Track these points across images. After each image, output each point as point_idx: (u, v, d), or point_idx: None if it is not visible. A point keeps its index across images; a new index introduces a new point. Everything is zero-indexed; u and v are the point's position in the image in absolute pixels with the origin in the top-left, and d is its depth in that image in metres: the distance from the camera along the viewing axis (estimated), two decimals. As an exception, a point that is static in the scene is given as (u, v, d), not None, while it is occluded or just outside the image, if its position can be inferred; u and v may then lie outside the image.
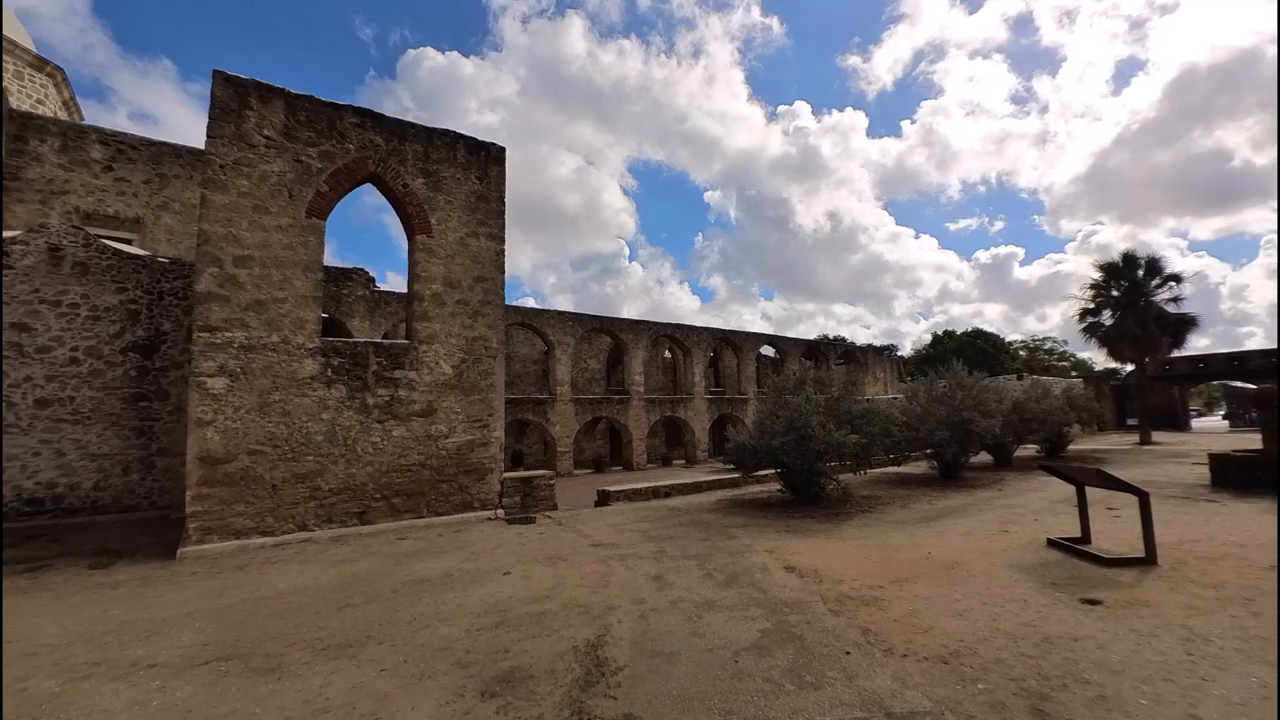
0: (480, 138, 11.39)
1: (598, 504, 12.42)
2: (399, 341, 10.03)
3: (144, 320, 11.58)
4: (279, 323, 8.70)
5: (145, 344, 11.56)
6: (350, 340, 9.63)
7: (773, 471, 12.40)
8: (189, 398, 8.33)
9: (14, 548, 8.52)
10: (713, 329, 30.54)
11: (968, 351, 43.62)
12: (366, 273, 20.28)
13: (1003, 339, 56.88)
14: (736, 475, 13.98)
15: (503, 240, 11.13)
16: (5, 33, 18.48)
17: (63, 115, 19.72)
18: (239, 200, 8.64)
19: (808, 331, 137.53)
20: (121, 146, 16.89)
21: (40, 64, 19.35)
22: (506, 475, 10.95)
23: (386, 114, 10.36)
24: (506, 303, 12.55)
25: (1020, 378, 29.96)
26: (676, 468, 25.90)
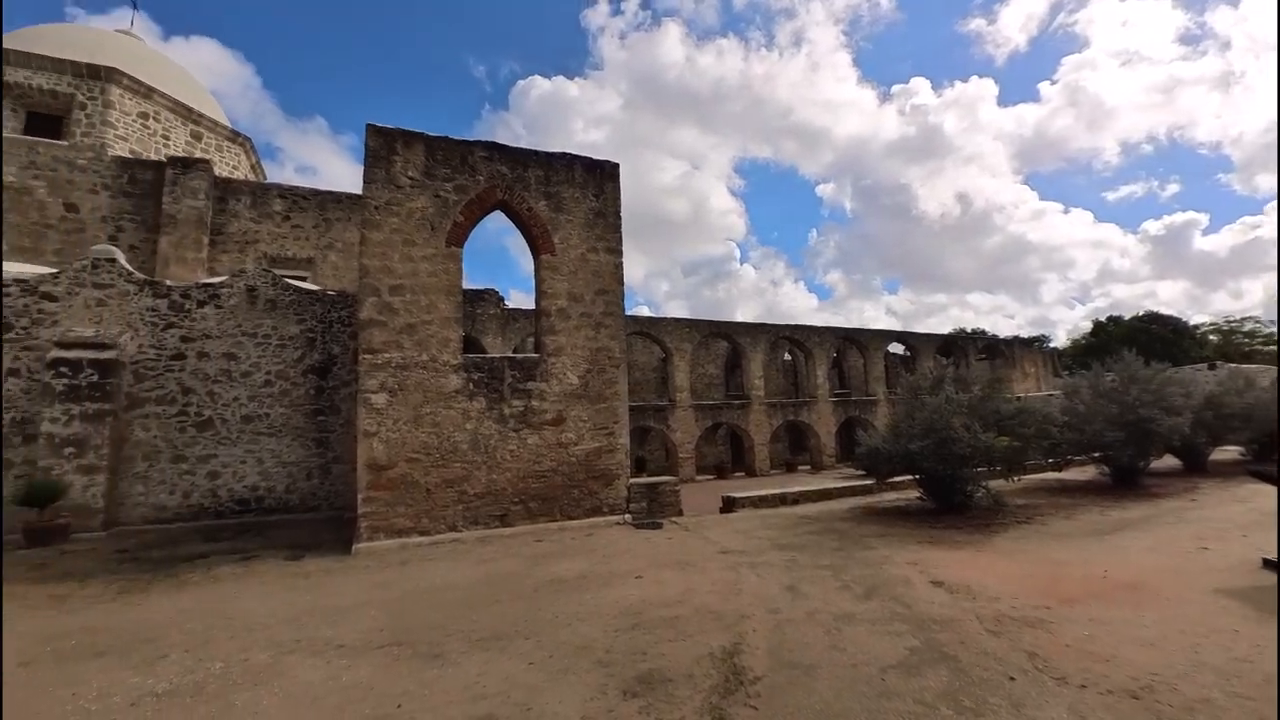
0: (590, 156, 11.88)
1: (723, 510, 12.35)
2: (529, 355, 10.71)
3: (319, 346, 13.37)
4: (428, 343, 9.66)
5: (321, 366, 13.33)
6: (487, 356, 10.45)
7: (910, 478, 11.60)
8: (357, 412, 9.49)
9: (229, 540, 10.15)
10: (834, 328, 29.27)
11: (1139, 339, 37.80)
12: (496, 293, 21.83)
13: (1185, 322, 48.50)
14: (869, 482, 13.25)
15: (620, 253, 11.49)
16: (205, 112, 22.29)
17: (251, 177, 23.32)
18: (391, 236, 9.73)
19: (940, 325, 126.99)
20: (295, 199, 19.66)
21: (234, 137, 23.05)
22: (633, 481, 11.23)
23: (509, 145, 11.14)
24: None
25: (1212, 367, 25.53)
26: (802, 474, 25.06)
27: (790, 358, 34.24)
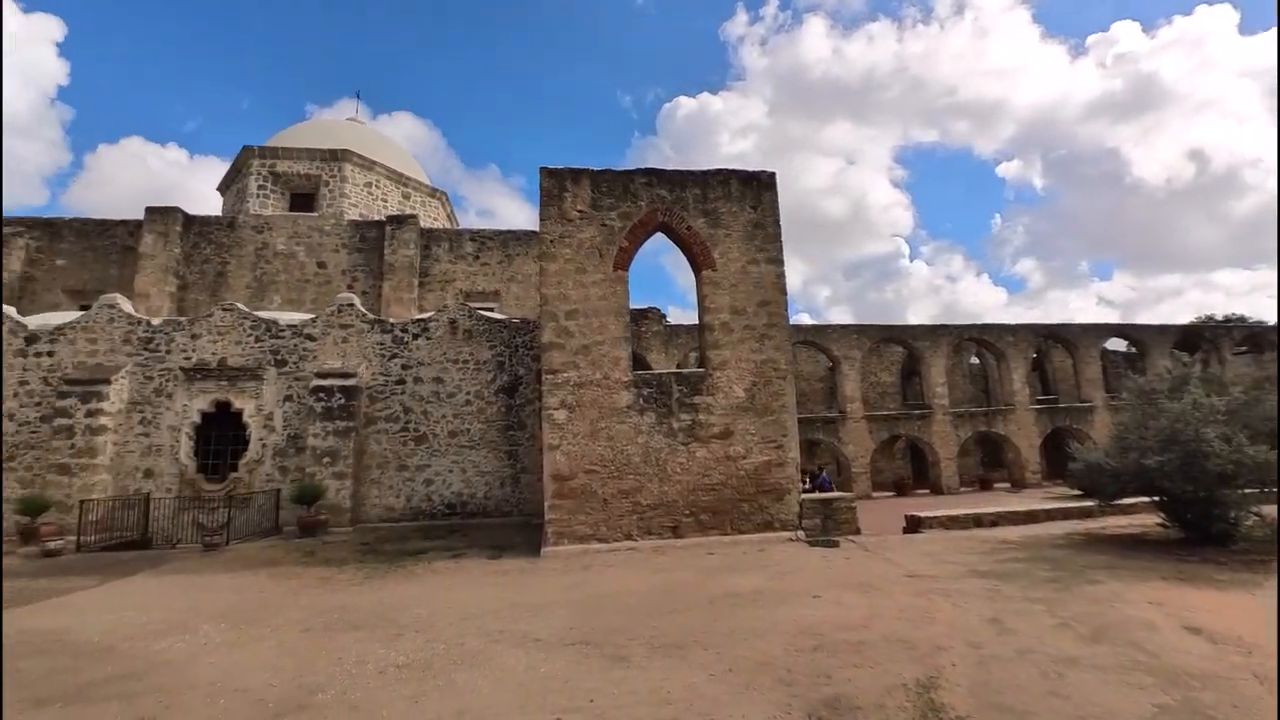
0: (741, 168, 11.87)
1: (906, 530, 11.41)
2: (695, 370, 10.95)
3: (507, 368, 14.97)
4: (600, 362, 10.36)
5: (509, 386, 14.90)
6: (655, 372, 10.91)
7: (1145, 500, 9.75)
8: (542, 427, 10.44)
9: (442, 538, 11.68)
10: (1031, 325, 25.65)
11: None
12: (658, 310, 22.64)
13: None
14: (1088, 504, 11.37)
15: (782, 263, 11.31)
16: (411, 175, 26.24)
17: (447, 226, 26.87)
18: (564, 266, 10.64)
19: (1175, 313, 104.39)
20: (482, 240, 22.29)
21: (433, 193, 26.83)
22: (805, 496, 10.87)
23: (666, 169, 11.59)
24: (788, 323, 12.72)
25: None
26: (999, 492, 22.20)
27: (978, 361, 30.65)
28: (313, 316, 15.26)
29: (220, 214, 23.39)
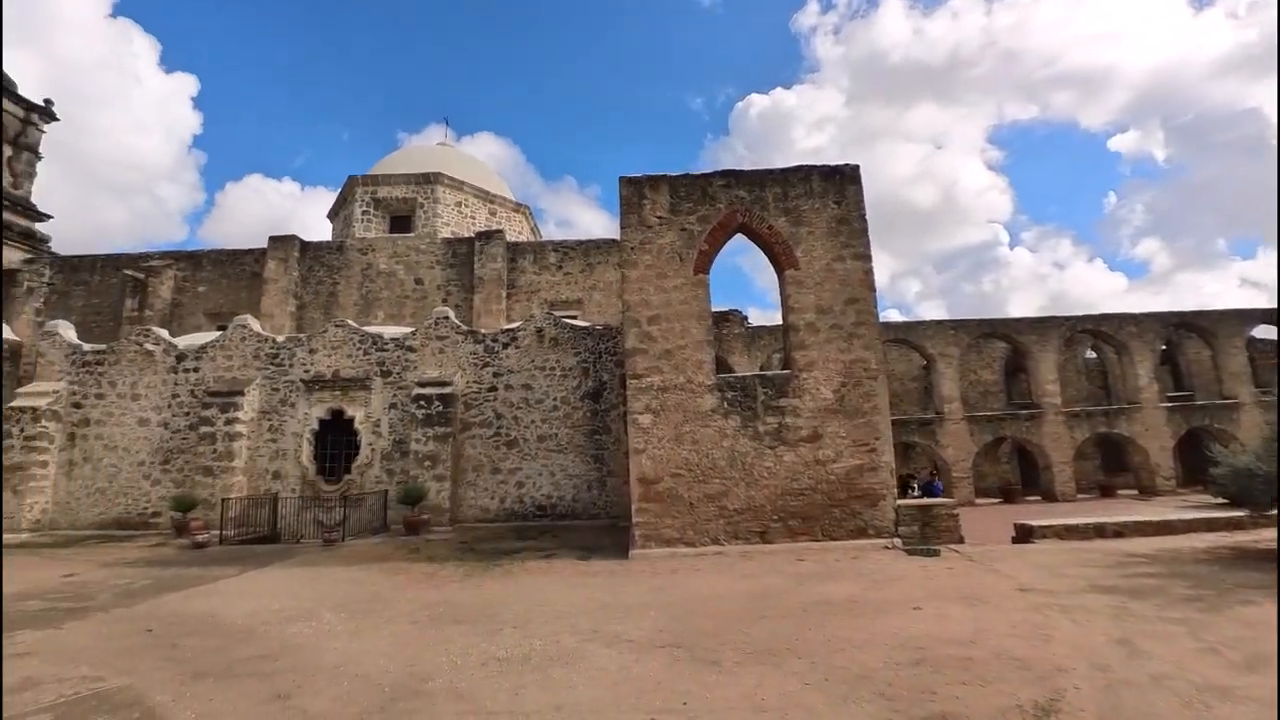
0: (819, 163, 11.53)
1: (1016, 540, 10.59)
2: (780, 372, 10.74)
3: (591, 374, 15.33)
4: (683, 366, 10.39)
5: (594, 392, 15.25)
6: (739, 375, 10.79)
7: (1312, 510, 8.53)
8: (627, 431, 10.61)
9: (533, 539, 12.11)
10: (1158, 313, 23.10)
11: None
12: (739, 312, 22.36)
13: None
14: (1237, 514, 10.08)
15: (869, 258, 10.88)
16: (496, 192, 27.48)
17: (531, 238, 27.89)
18: (645, 272, 10.77)
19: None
20: (565, 250, 22.96)
21: (517, 207, 27.97)
22: (901, 502, 10.36)
23: (745, 169, 11.48)
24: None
25: None
26: (1125, 499, 20.13)
27: (1095, 355, 27.93)
28: (412, 330, 16.33)
29: (330, 239, 25.56)
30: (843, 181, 11.28)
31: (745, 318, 22.76)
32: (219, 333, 16.95)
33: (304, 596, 8.01)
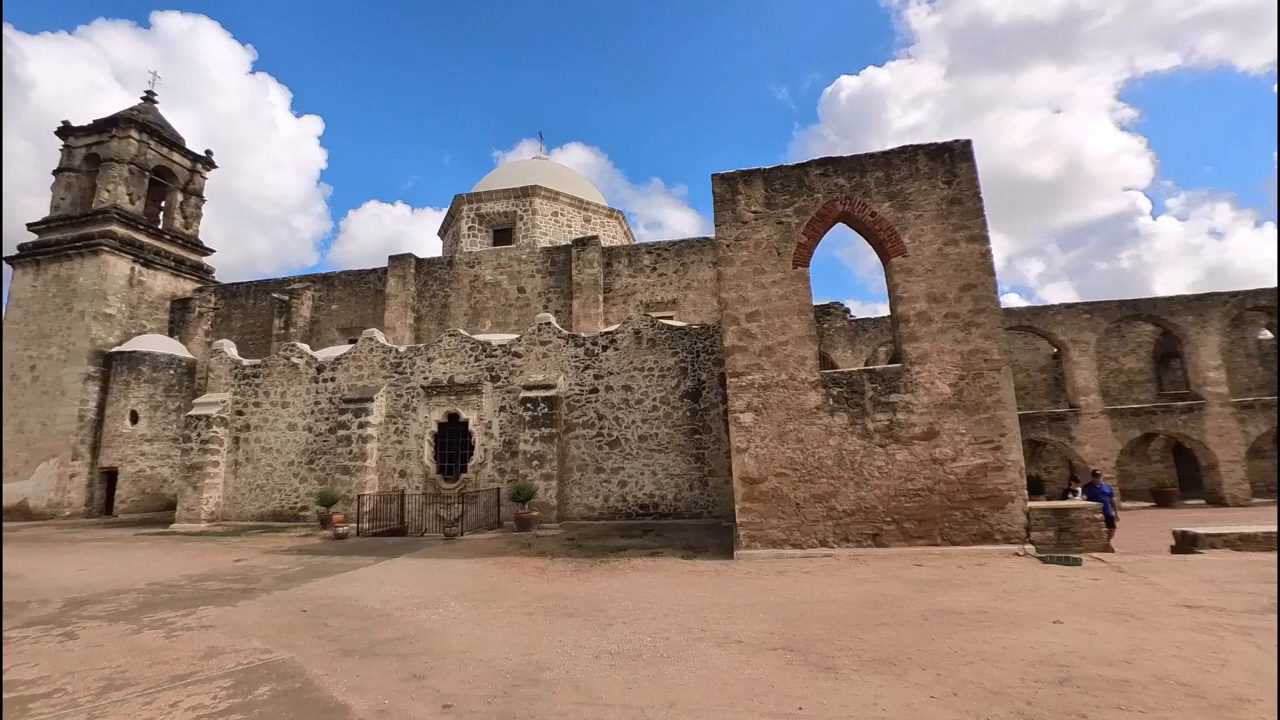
0: (924, 142, 10.75)
1: (1175, 549, 9.33)
2: (890, 366, 10.17)
3: (690, 374, 15.34)
4: (785, 362, 10.12)
5: (693, 391, 15.25)
6: (845, 370, 10.35)
7: None
8: (729, 430, 10.50)
9: (637, 537, 12.29)
10: (1363, 287, 19.45)
11: None
12: (841, 305, 21.49)
13: None
14: None
15: (986, 240, 10.05)
16: (589, 199, 28.20)
17: (625, 242, 28.39)
18: (742, 269, 10.61)
19: None
20: (659, 252, 23.14)
21: (610, 213, 28.56)
22: (1033, 505, 9.47)
23: (843, 155, 10.97)
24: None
25: None
26: (1321, 506, 17.08)
27: (1270, 335, 23.98)
28: (517, 336, 17.16)
29: (441, 254, 27.44)
30: (953, 159, 10.49)
31: (847, 310, 21.83)
32: (350, 345, 18.74)
33: (430, 585, 8.64)
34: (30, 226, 26.09)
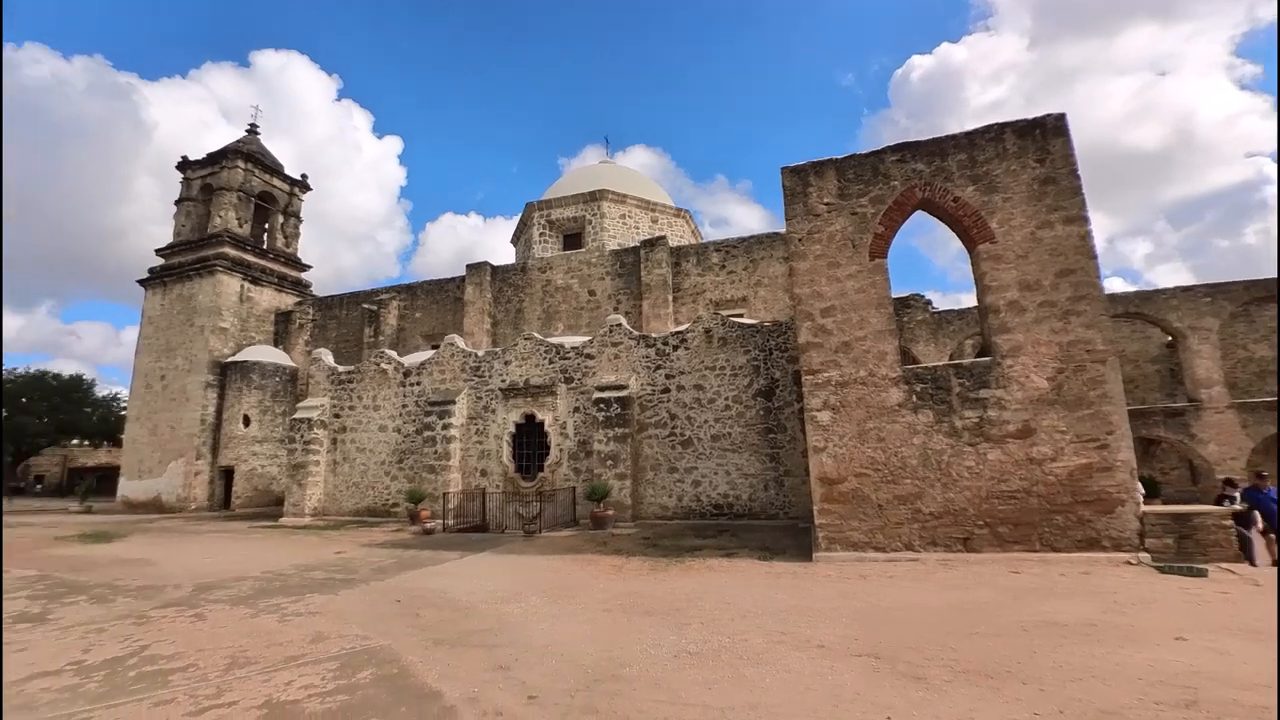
0: (1011, 119, 10.03)
1: (1328, 561, 8.25)
2: (979, 360, 9.59)
3: (763, 372, 15.08)
4: (863, 359, 9.75)
5: (766, 390, 14.98)
6: (929, 365, 9.85)
7: None
8: (805, 429, 10.24)
9: (712, 538, 12.19)
10: None
11: None
12: (922, 297, 20.45)
13: None
14: None
15: (1085, 221, 9.27)
16: (655, 200, 28.26)
17: (692, 241, 28.28)
18: (815, 263, 10.32)
19: None
20: (728, 249, 22.89)
21: (677, 213, 28.53)
22: (1148, 510, 8.65)
23: (920, 140, 10.44)
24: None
25: None
26: None
27: None
28: (589, 338, 17.47)
29: (514, 261, 28.35)
30: (1044, 136, 9.75)
31: (929, 302, 20.75)
32: (433, 351, 19.71)
33: (512, 580, 8.95)
34: (158, 252, 29.18)
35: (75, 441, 49.08)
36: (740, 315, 20.31)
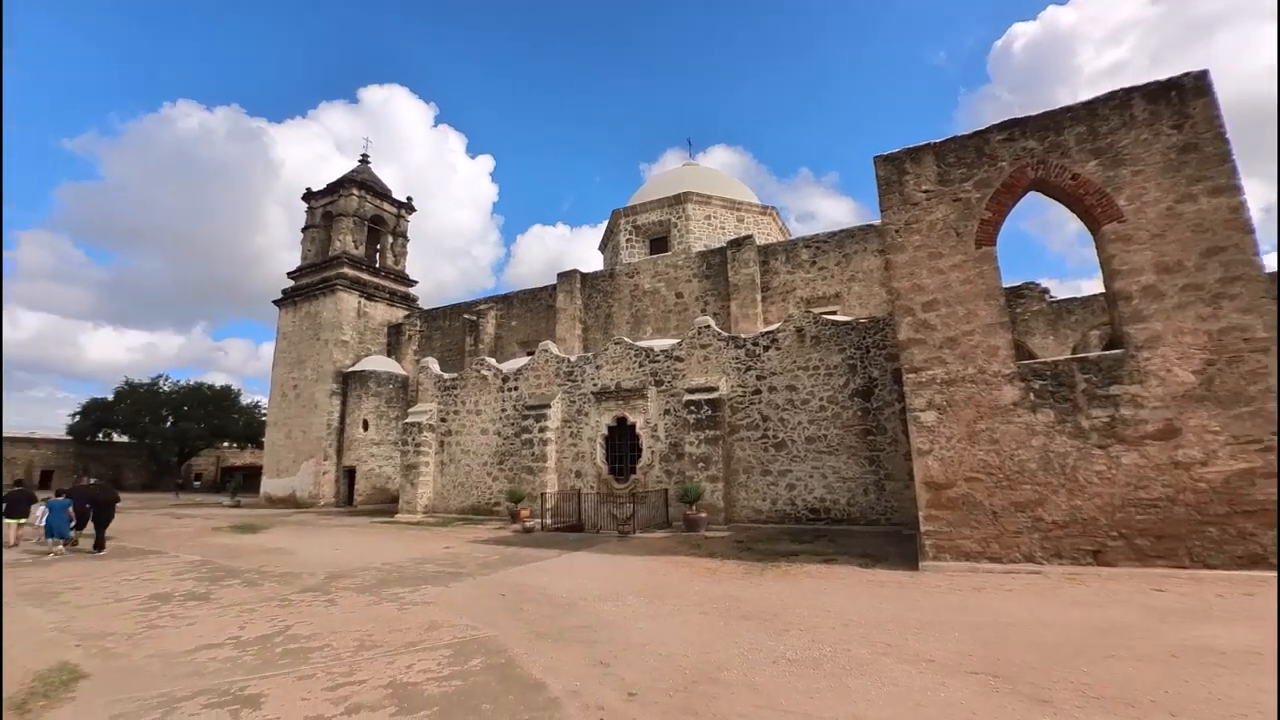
0: (1139, 83, 8.97)
1: None
2: (1108, 353, 8.67)
3: (859, 371, 14.46)
4: (971, 354, 9.11)
5: (864, 389, 14.35)
6: (1048, 360, 9.03)
7: None
8: (908, 431, 9.72)
9: (809, 543, 11.83)
10: None
11: None
12: (1037, 285, 18.79)
13: None
14: None
15: (1236, 190, 8.14)
16: (740, 199, 27.85)
17: (780, 239, 27.61)
18: (915, 254, 9.77)
19: None
20: (818, 245, 22.16)
21: (764, 210, 27.96)
22: (1329, 521, 7.43)
23: (1029, 115, 9.62)
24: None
25: None
26: None
27: None
28: (678, 341, 17.53)
29: (602, 268, 28.99)
30: (1181, 98, 8.67)
31: (1045, 291, 19.01)
32: (528, 358, 20.58)
33: (609, 579, 9.16)
34: (289, 274, 32.57)
35: (226, 444, 55.65)
36: (833, 313, 19.58)
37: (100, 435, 49.77)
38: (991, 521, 8.64)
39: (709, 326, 16.79)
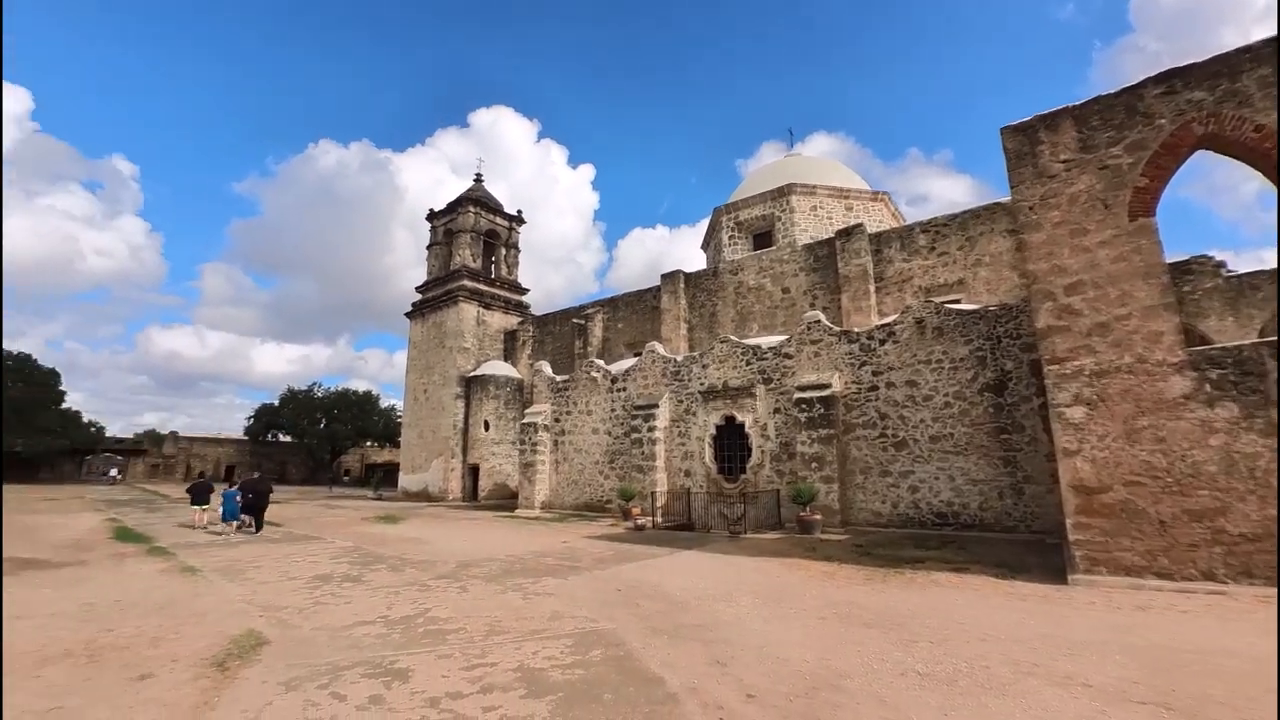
0: None
1: None
2: (1308, 335, 7.33)
3: (989, 363, 13.28)
4: (1128, 341, 8.04)
5: (995, 384, 13.16)
6: (1226, 345, 7.77)
7: None
8: (1051, 428, 8.78)
9: (935, 549, 11.03)
10: None
11: None
12: (1210, 259, 16.22)
13: None
14: None
15: None
16: (848, 186, 26.53)
17: (894, 225, 25.98)
18: (1053, 232, 8.81)
19: None
20: (935, 229, 20.61)
21: (874, 196, 26.46)
22: None
23: (1190, 64, 8.31)
24: None
25: None
26: None
27: None
28: (786, 337, 17.07)
29: (705, 266, 28.87)
30: None
31: (1220, 264, 16.36)
32: (635, 359, 20.96)
33: (721, 579, 9.11)
34: (416, 289, 35.63)
35: (369, 443, 61.98)
36: (956, 301, 18.12)
37: (269, 435, 57.72)
38: (1159, 532, 7.57)
39: (819, 321, 16.18)
